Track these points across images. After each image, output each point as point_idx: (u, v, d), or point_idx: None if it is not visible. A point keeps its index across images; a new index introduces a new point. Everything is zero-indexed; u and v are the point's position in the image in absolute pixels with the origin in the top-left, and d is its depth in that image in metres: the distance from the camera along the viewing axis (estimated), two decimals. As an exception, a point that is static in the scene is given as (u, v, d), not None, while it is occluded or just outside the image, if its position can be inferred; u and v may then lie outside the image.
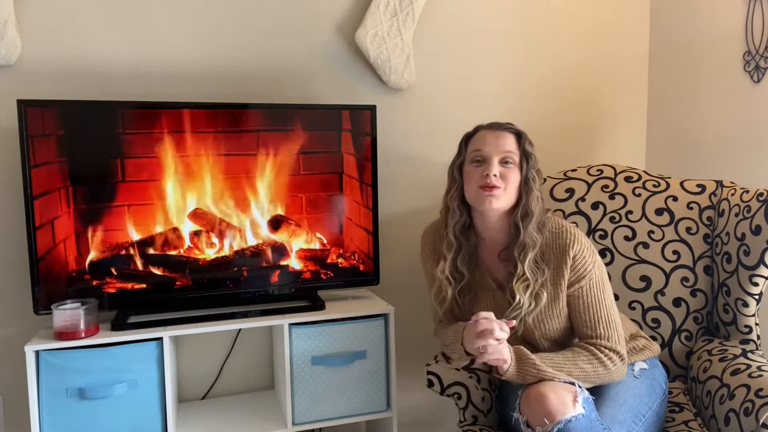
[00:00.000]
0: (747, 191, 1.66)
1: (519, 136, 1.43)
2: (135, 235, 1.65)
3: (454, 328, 1.46)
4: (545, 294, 1.39)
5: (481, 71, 2.10)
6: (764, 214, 1.55)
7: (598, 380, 1.36)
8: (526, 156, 1.41)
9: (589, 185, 1.87)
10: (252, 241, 1.75)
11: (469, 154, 1.45)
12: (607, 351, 1.36)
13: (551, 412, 1.21)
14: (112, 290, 1.62)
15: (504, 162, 1.40)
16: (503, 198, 1.39)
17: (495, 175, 1.38)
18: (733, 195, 1.70)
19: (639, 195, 1.82)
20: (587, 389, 1.30)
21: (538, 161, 1.44)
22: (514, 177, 1.40)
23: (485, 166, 1.40)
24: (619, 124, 2.30)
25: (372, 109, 1.79)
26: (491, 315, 1.33)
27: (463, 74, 2.08)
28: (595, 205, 1.84)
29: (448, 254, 1.47)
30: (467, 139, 1.48)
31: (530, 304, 1.39)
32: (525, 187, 1.40)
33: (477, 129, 1.48)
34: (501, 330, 1.30)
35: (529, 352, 1.33)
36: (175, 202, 1.67)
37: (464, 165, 1.46)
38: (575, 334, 1.44)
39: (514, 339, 1.44)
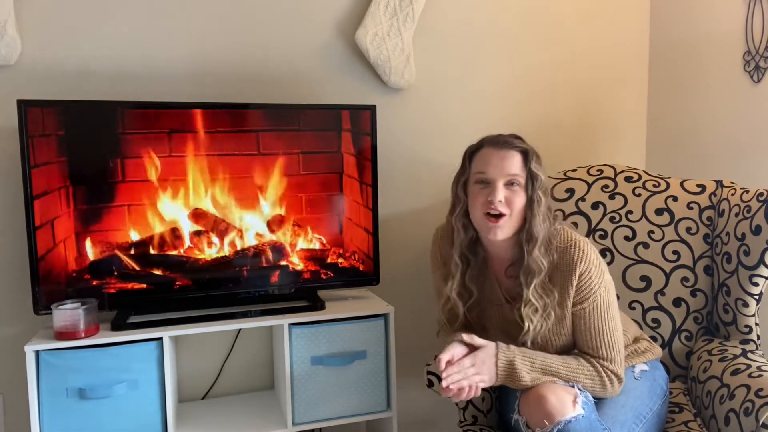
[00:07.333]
0: (747, 191, 1.66)
1: (525, 154, 1.36)
2: (135, 235, 1.65)
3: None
4: (553, 315, 1.36)
5: (481, 71, 2.10)
6: (764, 214, 1.55)
7: (592, 394, 1.33)
8: (532, 177, 1.35)
9: (589, 185, 1.87)
10: (252, 241, 1.75)
11: (473, 173, 1.39)
12: (609, 373, 1.34)
13: (551, 413, 1.21)
14: (112, 290, 1.62)
15: (509, 184, 1.34)
16: (508, 226, 1.34)
17: (500, 201, 1.33)
18: (733, 195, 1.70)
19: (639, 195, 1.82)
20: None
21: (545, 181, 1.36)
22: (519, 200, 1.34)
23: (489, 190, 1.34)
24: (619, 124, 2.30)
25: (372, 109, 1.78)
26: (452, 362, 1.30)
27: (463, 74, 2.08)
28: (595, 205, 1.84)
29: (457, 273, 1.42)
30: (471, 154, 1.41)
31: (540, 327, 1.36)
32: (529, 209, 1.34)
33: (482, 144, 1.40)
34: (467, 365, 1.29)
35: (520, 368, 1.30)
36: (175, 202, 1.67)
37: (468, 183, 1.40)
38: (576, 347, 1.41)
39: None
